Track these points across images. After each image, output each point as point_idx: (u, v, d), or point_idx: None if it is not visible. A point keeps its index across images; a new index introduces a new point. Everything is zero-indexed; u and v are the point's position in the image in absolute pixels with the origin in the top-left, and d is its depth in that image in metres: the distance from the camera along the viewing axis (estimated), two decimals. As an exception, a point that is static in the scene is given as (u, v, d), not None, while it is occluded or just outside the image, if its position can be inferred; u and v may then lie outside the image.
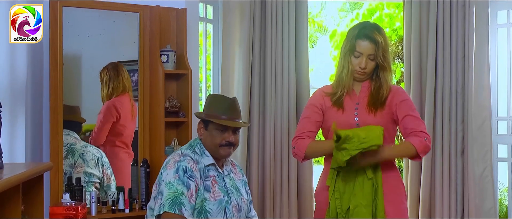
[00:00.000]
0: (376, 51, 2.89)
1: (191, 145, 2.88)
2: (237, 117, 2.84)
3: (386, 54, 2.91)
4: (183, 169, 2.70)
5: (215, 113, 2.80)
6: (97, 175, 3.69)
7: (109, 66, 3.78)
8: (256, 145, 4.43)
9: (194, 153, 2.82)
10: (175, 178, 2.68)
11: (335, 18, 11.05)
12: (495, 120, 4.56)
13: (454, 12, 4.37)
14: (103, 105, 3.79)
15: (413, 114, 2.93)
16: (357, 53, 2.92)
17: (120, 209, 3.60)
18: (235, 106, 2.86)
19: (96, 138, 3.77)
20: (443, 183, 4.35)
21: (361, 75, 2.95)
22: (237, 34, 4.38)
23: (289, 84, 4.53)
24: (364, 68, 2.91)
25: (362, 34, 2.93)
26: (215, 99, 2.90)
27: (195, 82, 4.09)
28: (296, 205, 4.56)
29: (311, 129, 3.03)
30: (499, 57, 4.60)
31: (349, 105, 2.96)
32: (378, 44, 2.88)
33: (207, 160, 2.82)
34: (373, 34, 2.90)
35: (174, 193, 2.65)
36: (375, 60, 2.92)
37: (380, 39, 2.89)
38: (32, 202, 2.68)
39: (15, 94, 3.15)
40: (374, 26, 2.98)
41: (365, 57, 2.90)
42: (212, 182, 2.80)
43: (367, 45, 2.90)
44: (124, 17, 3.81)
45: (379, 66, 2.94)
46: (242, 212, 2.90)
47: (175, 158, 2.78)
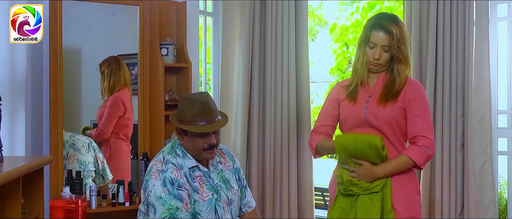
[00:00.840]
0: (390, 42, 2.82)
1: (173, 146, 2.80)
2: (214, 117, 2.72)
3: (401, 46, 2.83)
4: (169, 181, 2.64)
5: (191, 119, 2.68)
6: (91, 161, 3.69)
7: (111, 59, 3.78)
8: (256, 138, 4.43)
9: (176, 156, 2.75)
10: (165, 192, 2.62)
11: (335, 11, 11.05)
12: (495, 113, 4.56)
13: (454, 5, 4.36)
14: (108, 99, 3.78)
15: (423, 115, 2.85)
16: (371, 44, 2.87)
17: (120, 203, 3.61)
18: (210, 107, 2.72)
19: (102, 133, 3.77)
20: (443, 177, 4.36)
21: (375, 66, 2.89)
22: (237, 27, 4.38)
23: (289, 78, 4.53)
24: (378, 59, 2.86)
25: (377, 24, 2.87)
26: (187, 103, 2.72)
27: (195, 75, 4.09)
28: (296, 199, 4.57)
29: (327, 123, 3.02)
30: (499, 50, 4.59)
31: (361, 98, 2.92)
32: (392, 35, 2.81)
33: (190, 162, 2.75)
34: (388, 25, 2.84)
35: (169, 210, 2.60)
36: (389, 52, 2.85)
37: (395, 30, 2.82)
38: (32, 196, 2.69)
39: (15, 88, 3.15)
40: (390, 17, 2.90)
41: (379, 48, 2.84)
42: (199, 182, 2.75)
43: (381, 36, 2.84)
44: (124, 10, 3.81)
45: (394, 58, 2.88)
46: (233, 204, 2.86)
47: (157, 165, 2.71)
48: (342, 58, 12.79)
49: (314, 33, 11.96)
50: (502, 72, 4.61)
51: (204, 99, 2.72)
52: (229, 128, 4.36)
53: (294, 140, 4.57)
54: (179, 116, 2.74)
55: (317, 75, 12.57)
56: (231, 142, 4.38)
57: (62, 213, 3.05)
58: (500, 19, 4.58)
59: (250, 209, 3.00)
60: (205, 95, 2.77)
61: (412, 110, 2.84)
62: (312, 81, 4.76)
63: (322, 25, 12.09)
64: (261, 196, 4.48)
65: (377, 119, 2.83)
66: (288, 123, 4.53)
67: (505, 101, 4.58)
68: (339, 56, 12.97)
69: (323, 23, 12.01)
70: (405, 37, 2.86)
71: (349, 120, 2.91)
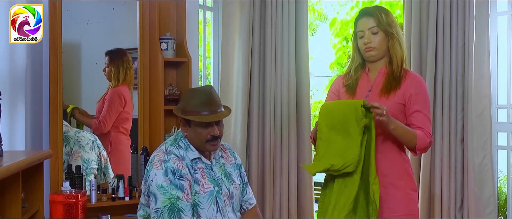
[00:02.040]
0: (377, 23, 2.83)
1: (175, 138, 2.82)
2: (217, 108, 2.75)
3: (392, 24, 2.84)
4: (171, 170, 2.66)
5: (194, 109, 2.72)
6: (94, 159, 3.69)
7: (115, 59, 3.78)
8: (256, 133, 4.43)
9: (179, 147, 2.76)
10: (167, 181, 2.64)
11: (335, 6, 11.02)
12: (495, 108, 4.55)
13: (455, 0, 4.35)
14: (107, 93, 3.78)
15: (424, 111, 2.84)
16: (360, 33, 2.88)
17: (120, 197, 3.62)
18: (214, 98, 2.76)
19: (102, 126, 3.76)
20: (443, 172, 4.36)
21: (369, 51, 2.87)
22: (236, 22, 4.37)
23: (289, 72, 4.52)
24: (369, 42, 2.86)
25: (359, 14, 2.93)
26: (192, 94, 2.78)
27: (195, 70, 4.09)
28: (295, 193, 4.58)
29: None
30: (499, 45, 4.59)
31: (361, 91, 2.92)
32: (375, 15, 2.84)
33: (192, 154, 2.77)
34: (369, 10, 2.89)
35: (170, 200, 2.62)
36: (379, 33, 2.85)
37: (377, 12, 2.85)
38: (32, 190, 2.69)
39: (15, 82, 3.14)
40: (374, 6, 2.96)
41: (367, 32, 2.85)
42: (201, 174, 2.77)
43: (365, 21, 2.86)
44: (124, 4, 3.81)
45: (389, 43, 2.86)
46: (234, 198, 2.87)
47: (159, 156, 2.73)
48: (342, 53, 12.78)
49: (314, 27, 11.94)
50: (502, 67, 4.60)
51: (208, 91, 2.77)
52: (229, 122, 4.36)
53: (294, 135, 4.57)
54: (183, 107, 2.77)
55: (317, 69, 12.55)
56: (231, 136, 4.38)
57: (62, 207, 3.06)
58: (500, 14, 4.56)
59: (251, 206, 3.01)
60: (209, 87, 2.82)
61: (414, 105, 2.82)
62: (312, 76, 4.75)
63: (322, 19, 12.06)
64: (261, 191, 4.48)
65: None
66: (288, 117, 4.53)
67: (505, 96, 4.57)
68: (339, 51, 12.96)
69: (323, 17, 11.98)
70: (394, 22, 2.86)
71: None
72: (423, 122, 2.82)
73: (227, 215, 2.79)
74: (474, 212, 4.30)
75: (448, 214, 4.34)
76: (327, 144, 2.77)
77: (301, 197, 4.62)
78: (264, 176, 4.48)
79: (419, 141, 2.77)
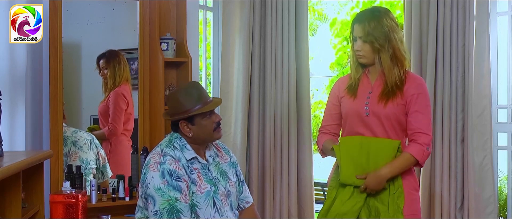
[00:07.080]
0: (363, 32, 2.83)
1: (170, 140, 2.82)
2: (209, 97, 2.84)
3: (379, 35, 2.82)
4: (168, 172, 2.66)
5: (194, 106, 2.75)
6: (93, 159, 3.69)
7: (109, 58, 3.77)
8: (256, 133, 4.43)
9: (174, 149, 2.77)
10: (164, 183, 2.65)
11: (335, 6, 11.03)
12: (495, 108, 4.56)
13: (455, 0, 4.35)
14: (110, 95, 3.77)
15: (423, 111, 2.84)
16: (354, 37, 2.91)
17: (120, 197, 3.61)
18: (203, 90, 2.84)
19: (115, 130, 3.78)
20: (443, 172, 4.36)
21: (360, 58, 2.90)
22: (237, 22, 4.37)
23: (289, 73, 4.52)
24: (359, 50, 2.88)
25: (355, 18, 2.93)
26: (184, 95, 2.78)
27: (195, 70, 4.09)
28: (296, 194, 4.58)
29: (331, 122, 3.04)
30: (499, 45, 4.59)
31: (362, 94, 2.93)
32: (364, 24, 2.83)
33: (188, 154, 2.78)
34: (361, 16, 2.88)
35: (168, 201, 2.63)
36: (367, 43, 2.84)
37: (367, 21, 2.83)
38: (33, 190, 2.69)
39: (15, 82, 3.14)
40: (369, 10, 2.94)
41: (358, 39, 2.88)
42: (197, 174, 2.77)
43: (356, 27, 2.87)
44: (124, 4, 3.81)
45: (381, 55, 2.86)
46: (232, 196, 2.88)
47: (155, 158, 2.73)
48: (342, 53, 12.79)
49: (314, 28, 11.96)
50: (502, 67, 4.60)
51: (196, 86, 2.84)
52: (229, 122, 4.37)
53: (294, 135, 4.57)
54: (178, 110, 2.78)
55: (317, 70, 12.58)
56: (231, 137, 4.38)
57: (62, 207, 3.05)
58: (500, 14, 4.57)
59: (248, 204, 3.01)
60: (194, 82, 2.90)
61: (413, 106, 2.83)
62: (312, 76, 4.76)
63: (322, 20, 12.08)
64: (261, 191, 4.48)
65: (378, 116, 2.83)
66: (288, 117, 4.53)
67: (505, 96, 4.58)
68: (339, 51, 12.97)
69: (323, 18, 12.00)
70: (382, 26, 2.83)
71: (350, 116, 2.91)
72: (422, 123, 2.82)
73: (226, 215, 2.80)
74: (474, 212, 4.30)
75: (448, 214, 4.34)
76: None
77: (301, 197, 4.62)
78: (264, 176, 4.48)
79: (418, 157, 2.80)
